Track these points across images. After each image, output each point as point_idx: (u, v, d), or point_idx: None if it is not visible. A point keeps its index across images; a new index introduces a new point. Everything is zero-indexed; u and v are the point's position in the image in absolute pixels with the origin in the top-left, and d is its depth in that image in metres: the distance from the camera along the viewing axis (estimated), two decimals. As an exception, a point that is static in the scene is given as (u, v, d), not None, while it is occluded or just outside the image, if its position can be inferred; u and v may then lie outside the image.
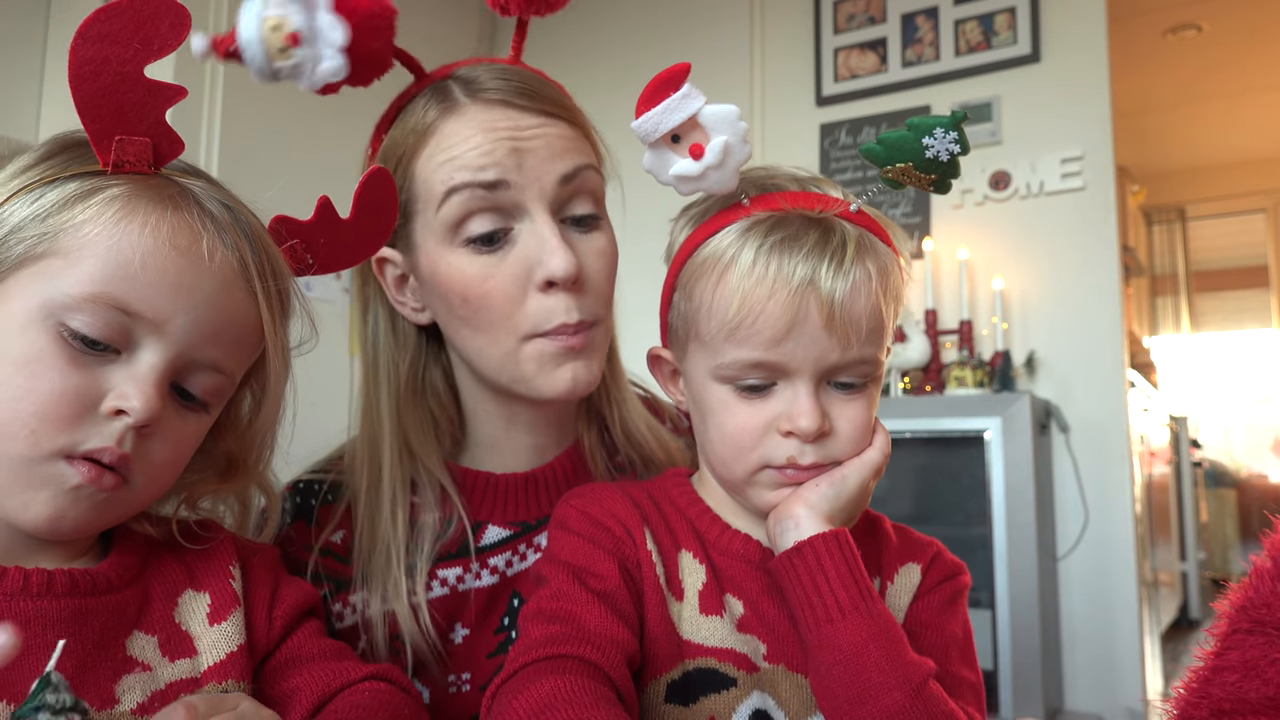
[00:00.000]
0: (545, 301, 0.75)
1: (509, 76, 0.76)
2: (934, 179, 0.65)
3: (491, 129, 0.74)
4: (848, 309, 0.64)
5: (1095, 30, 2.79)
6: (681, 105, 0.64)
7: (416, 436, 0.81)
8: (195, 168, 0.65)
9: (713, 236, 0.68)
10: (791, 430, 0.65)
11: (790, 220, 0.66)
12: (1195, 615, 4.40)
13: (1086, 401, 2.68)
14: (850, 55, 3.17)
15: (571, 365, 0.77)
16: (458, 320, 0.77)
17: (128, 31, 0.55)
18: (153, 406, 0.56)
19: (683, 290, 0.70)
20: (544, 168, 0.75)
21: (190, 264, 0.58)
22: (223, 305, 0.60)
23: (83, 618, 0.57)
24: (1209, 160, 5.91)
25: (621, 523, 0.70)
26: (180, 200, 0.59)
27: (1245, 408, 6.16)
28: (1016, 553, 2.42)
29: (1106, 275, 2.71)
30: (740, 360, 0.65)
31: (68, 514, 0.56)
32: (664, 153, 0.65)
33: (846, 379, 0.67)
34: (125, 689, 0.57)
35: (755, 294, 0.64)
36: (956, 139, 0.63)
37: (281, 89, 0.61)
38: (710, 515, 0.73)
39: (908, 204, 3.02)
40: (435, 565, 0.81)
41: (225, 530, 0.70)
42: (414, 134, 0.76)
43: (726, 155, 0.64)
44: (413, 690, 0.70)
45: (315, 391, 0.87)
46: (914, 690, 0.59)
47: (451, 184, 0.73)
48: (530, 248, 0.75)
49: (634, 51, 3.41)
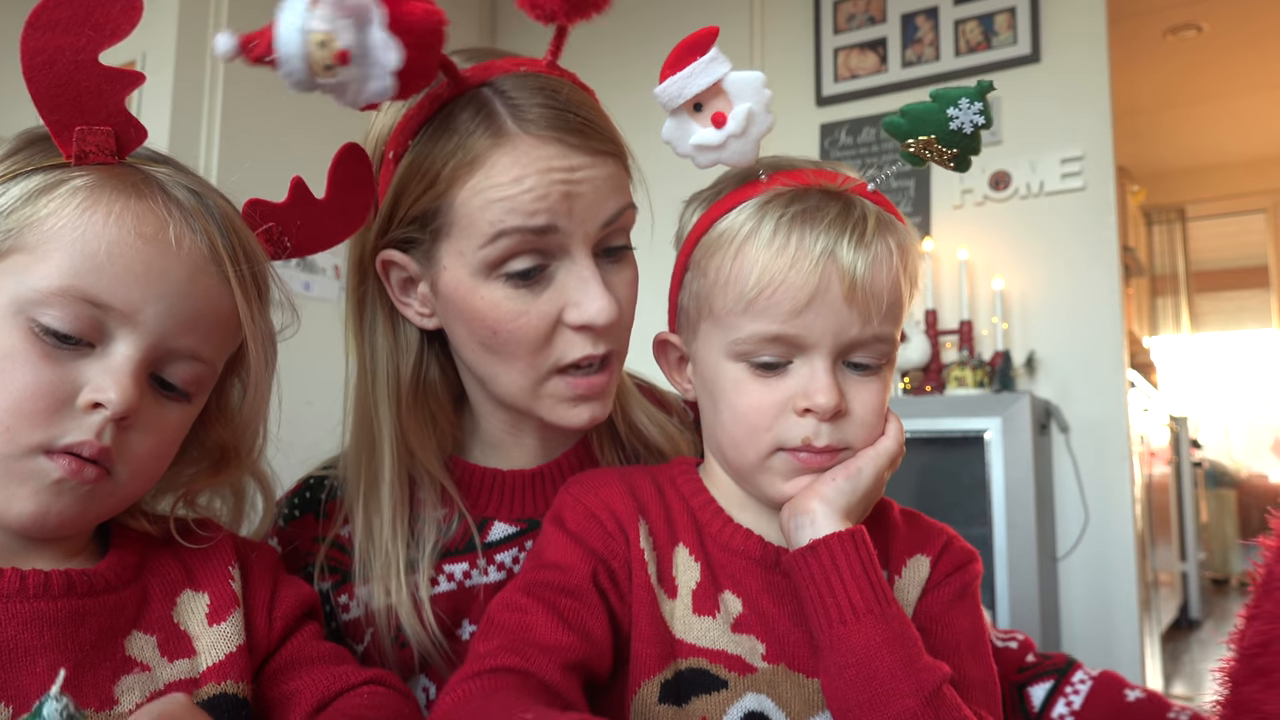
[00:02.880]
0: (575, 337, 0.75)
1: (559, 105, 0.73)
2: (955, 153, 0.64)
3: (546, 171, 0.71)
4: (869, 282, 0.63)
5: (1095, 30, 2.79)
6: (708, 69, 0.63)
7: (417, 437, 0.81)
8: (162, 154, 0.64)
9: (728, 213, 0.67)
10: (809, 407, 0.64)
11: (810, 194, 0.65)
12: (1195, 615, 4.40)
13: (1086, 401, 2.68)
14: (850, 55, 3.17)
15: (589, 405, 0.77)
16: (479, 345, 0.76)
17: (78, 19, 0.54)
18: (129, 398, 0.56)
19: (696, 269, 0.69)
20: (590, 212, 0.73)
21: (158, 252, 0.57)
22: (194, 292, 0.59)
23: (80, 618, 0.57)
24: (1209, 160, 5.91)
25: (615, 516, 0.69)
26: (144, 188, 0.58)
27: (1245, 408, 6.16)
28: (1016, 553, 2.41)
29: (1106, 275, 2.71)
30: (758, 333, 0.64)
31: (51, 509, 0.56)
32: (685, 121, 0.64)
33: (862, 359, 0.66)
34: (124, 689, 0.57)
35: (775, 264, 0.63)
36: (981, 110, 0.61)
37: (282, 87, 0.59)
38: (714, 507, 0.71)
39: (908, 203, 3.02)
40: (442, 560, 0.81)
41: (224, 530, 0.69)
42: (457, 161, 0.72)
43: (750, 123, 0.63)
44: (410, 695, 0.71)
45: (313, 390, 0.87)
46: (927, 697, 0.58)
47: (502, 228, 0.71)
48: (568, 288, 0.73)
49: (634, 52, 3.41)
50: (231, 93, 2.64)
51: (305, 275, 2.81)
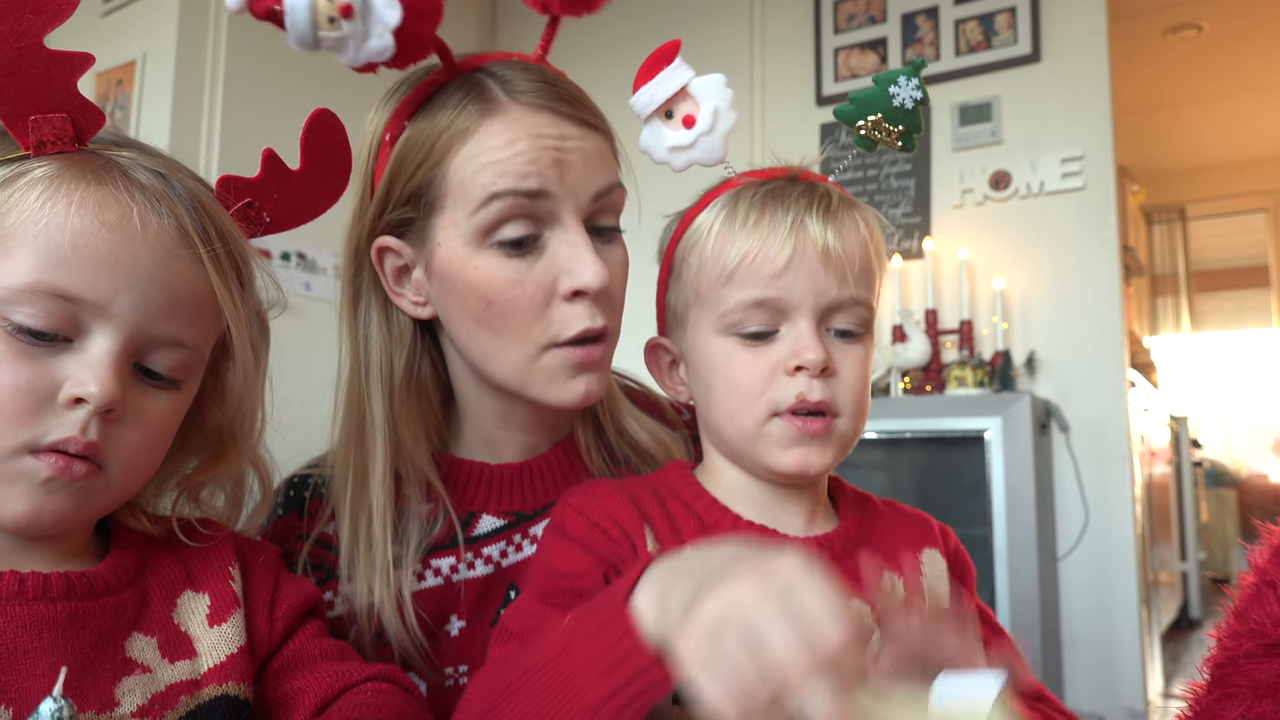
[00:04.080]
0: (570, 310, 0.75)
1: (549, 81, 0.76)
2: (901, 131, 0.72)
3: (537, 135, 0.73)
4: (839, 246, 0.68)
5: (1095, 30, 2.79)
6: (674, 76, 0.70)
7: (409, 431, 0.81)
8: (126, 137, 0.62)
9: (701, 211, 0.73)
10: (799, 364, 0.67)
11: (776, 180, 0.72)
12: (1196, 615, 4.40)
13: (1087, 401, 2.68)
14: (850, 55, 3.17)
15: (585, 378, 0.78)
16: (474, 322, 0.77)
17: (14, 3, 0.53)
18: (110, 390, 0.55)
19: (678, 268, 0.74)
20: (581, 182, 0.75)
21: (124, 239, 0.55)
22: (167, 278, 0.57)
23: (80, 620, 0.57)
24: (1209, 160, 5.91)
25: (619, 524, 0.70)
26: (104, 173, 0.56)
27: (1245, 407, 6.15)
28: (1016, 553, 2.41)
29: (1106, 275, 2.71)
30: (743, 300, 0.68)
31: (45, 508, 0.55)
32: (658, 128, 0.71)
33: (844, 324, 0.69)
34: (125, 691, 0.57)
35: (751, 238, 0.68)
36: (918, 85, 0.70)
37: (284, 79, 0.59)
38: (719, 507, 0.72)
39: (908, 204, 3.02)
40: (429, 555, 0.81)
41: (225, 529, 0.69)
42: (449, 132, 0.74)
43: (717, 120, 0.70)
44: (415, 690, 0.70)
45: (319, 392, 0.87)
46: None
47: (494, 190, 0.72)
48: (561, 256, 0.75)
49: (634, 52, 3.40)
50: (231, 93, 2.64)
51: (306, 275, 2.81)
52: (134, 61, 2.70)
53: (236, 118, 2.63)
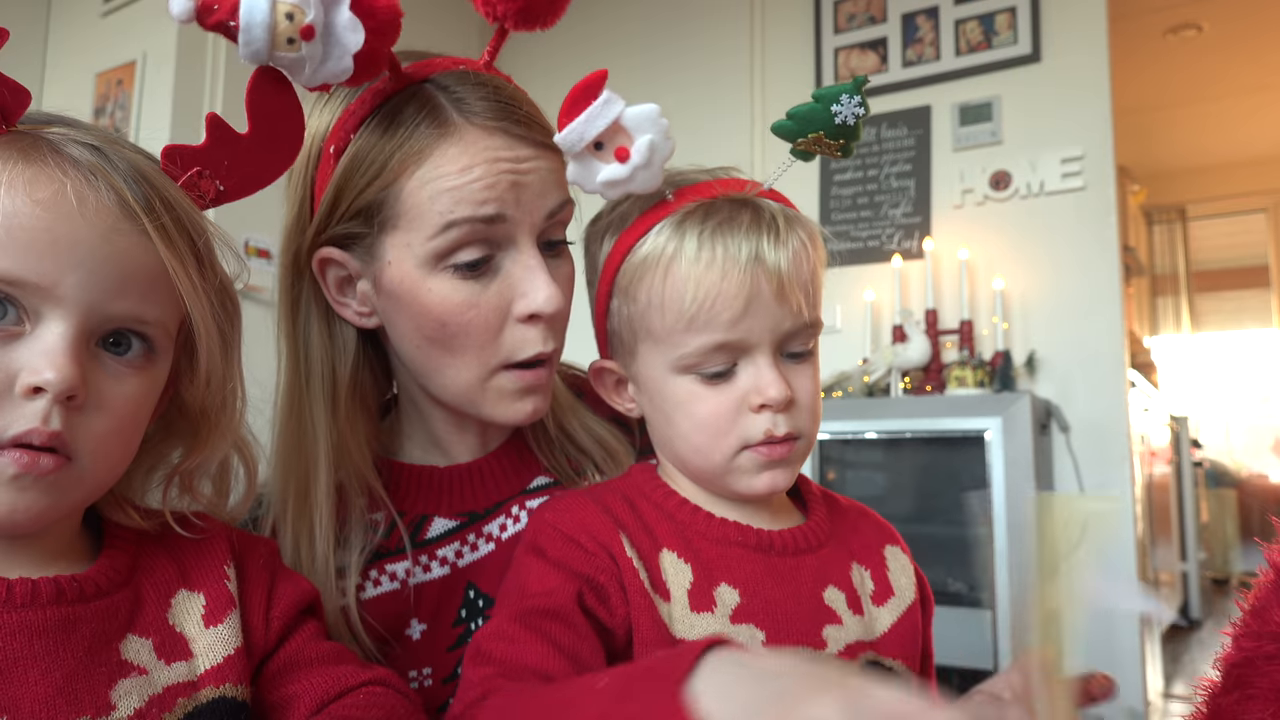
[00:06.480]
0: (524, 333, 0.76)
1: (502, 99, 0.74)
2: (841, 144, 0.70)
3: (494, 160, 0.72)
4: (793, 276, 0.67)
5: (1095, 30, 2.79)
6: (604, 111, 0.66)
7: (354, 440, 0.80)
8: (59, 115, 0.59)
9: (645, 235, 0.70)
10: (764, 403, 0.67)
11: (719, 205, 0.69)
12: (1196, 615, 4.40)
13: (1087, 401, 2.68)
14: (850, 55, 3.17)
15: (533, 399, 0.79)
16: (426, 340, 0.76)
17: None
18: (68, 375, 0.52)
19: (623, 295, 0.72)
20: (536, 203, 0.74)
21: (60, 217, 0.52)
22: (113, 253, 0.54)
23: (71, 625, 0.55)
24: (1209, 160, 5.91)
25: (593, 536, 0.69)
26: (32, 151, 0.53)
27: (1245, 408, 6.15)
28: (1017, 553, 2.41)
29: (1107, 275, 2.71)
30: (703, 345, 0.67)
31: (18, 505, 0.53)
32: (588, 161, 0.67)
33: (797, 347, 0.70)
34: (121, 694, 0.56)
35: (707, 279, 0.66)
36: (860, 102, 0.68)
37: None
38: (690, 506, 0.72)
39: (908, 203, 3.02)
40: (382, 560, 0.80)
41: (219, 523, 0.67)
42: (402, 152, 0.72)
43: (653, 153, 0.66)
44: (412, 694, 0.70)
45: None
46: None
47: (451, 218, 0.71)
48: (515, 278, 0.75)
49: (633, 53, 3.40)
50: (231, 93, 2.64)
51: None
52: (134, 62, 2.70)
53: (237, 118, 2.63)
